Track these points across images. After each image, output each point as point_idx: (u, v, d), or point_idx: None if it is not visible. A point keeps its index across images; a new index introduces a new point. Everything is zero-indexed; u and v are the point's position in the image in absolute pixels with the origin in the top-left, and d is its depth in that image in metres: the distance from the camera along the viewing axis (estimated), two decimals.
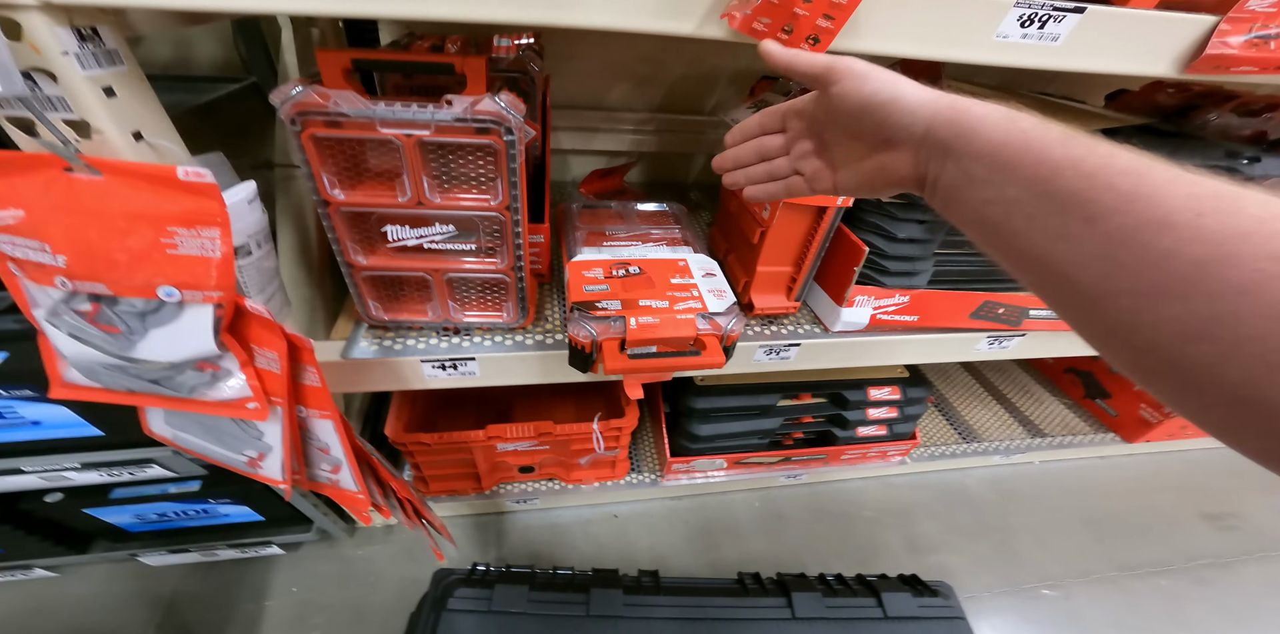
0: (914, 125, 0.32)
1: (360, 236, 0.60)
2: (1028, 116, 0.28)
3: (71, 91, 0.40)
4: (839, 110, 0.36)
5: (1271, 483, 1.24)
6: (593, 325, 0.62)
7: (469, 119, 0.51)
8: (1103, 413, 1.29)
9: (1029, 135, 0.27)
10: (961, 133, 0.30)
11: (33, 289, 0.43)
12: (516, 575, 0.73)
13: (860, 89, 0.34)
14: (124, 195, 0.41)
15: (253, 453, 0.55)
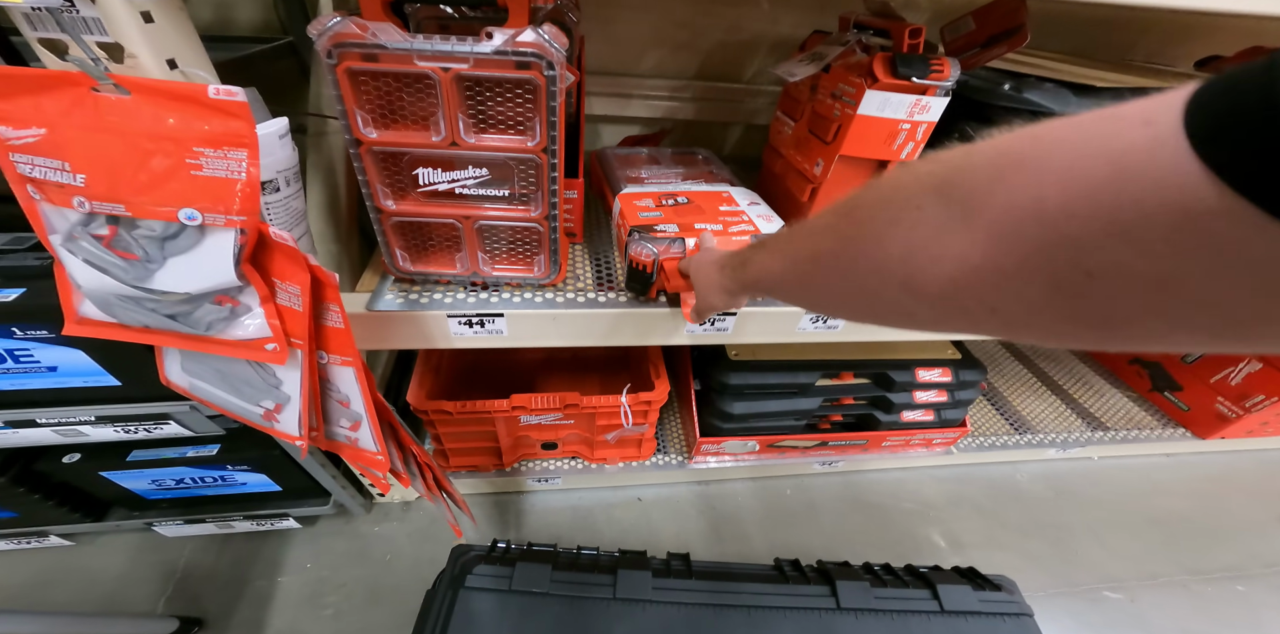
0: (706, 267, 0.51)
1: (391, 180, 0.57)
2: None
3: (108, 13, 0.38)
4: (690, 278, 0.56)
5: None
6: (652, 245, 0.60)
7: (509, 52, 0.47)
8: (1172, 407, 1.20)
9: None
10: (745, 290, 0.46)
11: (50, 212, 0.40)
12: (539, 554, 0.69)
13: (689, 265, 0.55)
14: (151, 114, 0.38)
15: (269, 404, 0.52)
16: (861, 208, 0.27)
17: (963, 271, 0.21)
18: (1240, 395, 1.08)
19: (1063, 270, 0.18)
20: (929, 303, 0.24)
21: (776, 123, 0.85)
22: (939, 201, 0.22)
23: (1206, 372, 1.14)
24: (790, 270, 0.35)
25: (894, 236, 0.25)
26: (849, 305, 0.31)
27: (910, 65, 0.58)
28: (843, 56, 0.67)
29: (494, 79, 0.50)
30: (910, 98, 0.59)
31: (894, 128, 0.62)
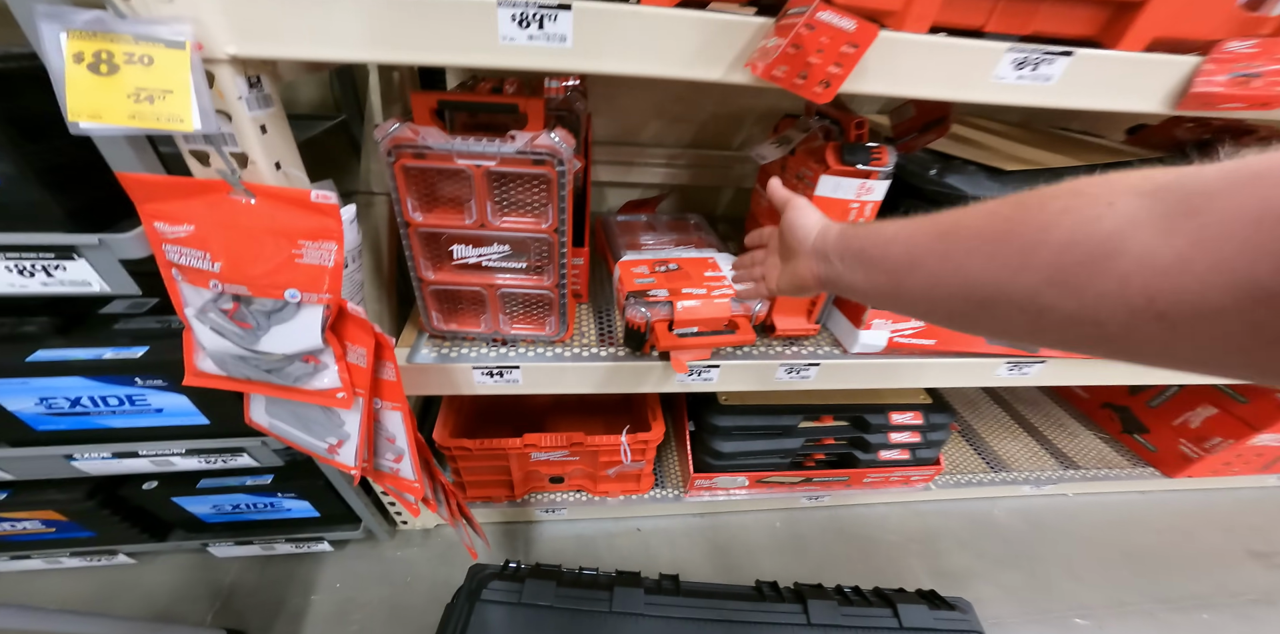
0: (805, 241, 0.47)
1: (431, 254, 0.71)
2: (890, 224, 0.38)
3: (240, 129, 0.52)
4: (782, 230, 0.51)
5: None
6: (645, 309, 0.73)
7: (528, 152, 0.61)
8: (1141, 448, 1.28)
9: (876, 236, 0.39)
10: (839, 245, 0.43)
11: (188, 290, 0.54)
12: (546, 572, 0.78)
13: (792, 215, 0.50)
14: (270, 214, 0.52)
15: (333, 440, 0.64)
16: (1033, 197, 0.27)
17: (1140, 268, 0.21)
18: (1200, 437, 1.16)
19: (1264, 277, 0.18)
20: (1079, 299, 0.24)
21: (755, 194, 1.00)
22: (1144, 202, 0.22)
23: (1169, 415, 1.22)
24: (915, 246, 0.33)
25: (1061, 224, 0.24)
26: (966, 292, 0.30)
27: (855, 154, 0.70)
28: (806, 141, 0.81)
29: (516, 173, 0.64)
30: (857, 181, 0.71)
31: (846, 206, 0.74)
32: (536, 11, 0.47)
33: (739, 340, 0.76)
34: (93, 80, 0.42)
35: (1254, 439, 1.08)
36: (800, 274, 0.47)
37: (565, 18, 0.48)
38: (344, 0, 0.44)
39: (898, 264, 0.35)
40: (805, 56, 0.52)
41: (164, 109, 0.43)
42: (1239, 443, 1.09)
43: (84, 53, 0.41)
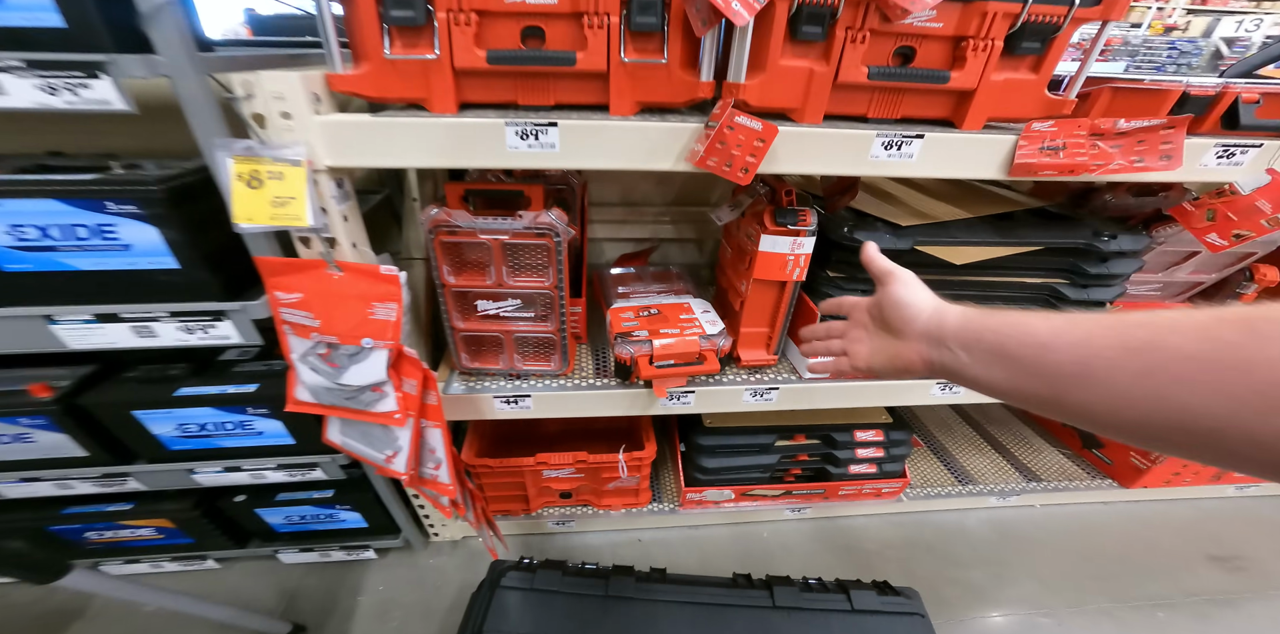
0: (915, 321, 0.44)
1: (460, 308, 0.93)
2: (1022, 317, 0.36)
3: (331, 220, 0.74)
4: (884, 304, 0.48)
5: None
6: (630, 347, 0.92)
7: (533, 227, 0.83)
8: (1099, 461, 1.38)
9: (1017, 329, 0.36)
10: (962, 333, 0.39)
11: (295, 341, 0.77)
12: (554, 564, 0.95)
13: (898, 290, 0.46)
14: (353, 283, 0.74)
15: (390, 452, 0.84)
16: (1264, 322, 0.25)
17: None
18: (1144, 450, 1.27)
19: None
20: None
21: (720, 248, 1.21)
22: None
23: None
24: (1090, 357, 0.31)
25: None
26: (1176, 420, 0.27)
27: (785, 217, 0.88)
28: (753, 205, 1.02)
29: (524, 243, 0.86)
30: (789, 238, 0.91)
31: (784, 259, 0.94)
32: (533, 128, 0.69)
33: (705, 370, 0.95)
34: (248, 192, 0.65)
35: None
36: (905, 356, 0.45)
37: (554, 131, 0.70)
38: (399, 127, 0.67)
39: (1061, 373, 0.33)
40: (729, 150, 0.72)
41: (290, 210, 0.66)
42: None
43: (243, 172, 0.64)
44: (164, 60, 0.56)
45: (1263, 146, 0.76)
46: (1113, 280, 0.94)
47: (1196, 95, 0.74)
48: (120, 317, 0.70)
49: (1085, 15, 0.67)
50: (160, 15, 0.54)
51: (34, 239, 0.63)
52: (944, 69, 0.72)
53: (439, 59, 0.65)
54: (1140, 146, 0.72)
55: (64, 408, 0.80)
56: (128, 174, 0.65)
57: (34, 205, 0.61)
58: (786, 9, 0.66)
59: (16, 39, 0.54)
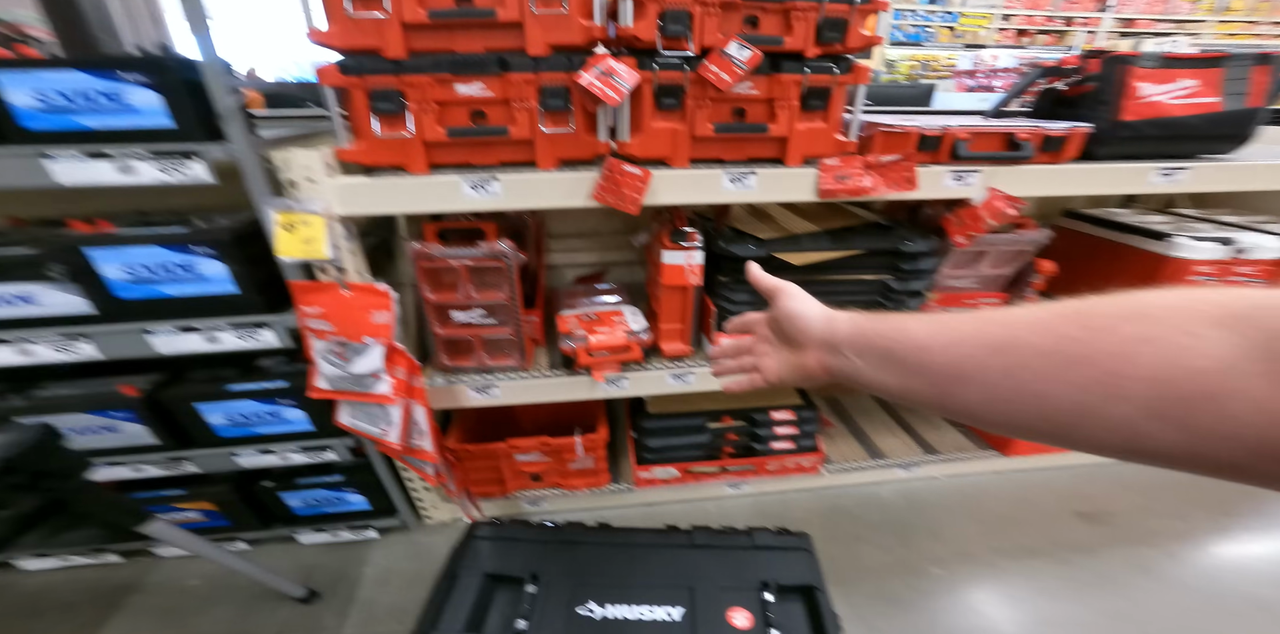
0: (809, 332, 0.47)
1: (439, 317, 1.21)
2: (913, 318, 0.39)
3: (342, 253, 1.04)
4: (779, 318, 0.50)
5: (1150, 488, 1.48)
6: (572, 342, 1.19)
7: (489, 254, 1.13)
8: (984, 433, 1.61)
9: (900, 332, 0.39)
10: (854, 339, 0.42)
11: (316, 342, 1.05)
12: (519, 521, 1.18)
13: (788, 304, 0.49)
14: (357, 297, 1.03)
15: (385, 426, 1.10)
16: (1097, 317, 0.28)
17: (1253, 413, 0.22)
18: None
19: None
20: (1186, 432, 0.24)
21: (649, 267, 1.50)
22: (1224, 335, 0.23)
23: None
24: (962, 359, 0.33)
25: (1146, 356, 0.25)
26: (1040, 411, 0.30)
27: (678, 236, 1.17)
28: (659, 229, 1.31)
29: (483, 266, 1.15)
30: (683, 253, 1.19)
31: (682, 269, 1.22)
32: (481, 181, 0.99)
33: (630, 357, 1.22)
34: (286, 235, 0.95)
35: None
36: (808, 365, 0.47)
37: (497, 184, 1.00)
38: (388, 185, 0.96)
39: (942, 374, 0.35)
40: (621, 189, 1.03)
41: (314, 247, 0.96)
42: None
43: (283, 221, 0.94)
44: (235, 146, 0.87)
45: (982, 171, 1.07)
46: (923, 274, 1.23)
47: (929, 135, 1.05)
48: (196, 328, 0.99)
49: (845, 79, 0.99)
50: (231, 115, 0.84)
51: (142, 274, 0.93)
52: (764, 122, 1.03)
53: (413, 136, 0.97)
54: (893, 174, 1.03)
55: (146, 403, 1.08)
56: (208, 226, 0.96)
57: (143, 250, 0.92)
58: (650, 88, 0.98)
59: (142, 135, 0.84)
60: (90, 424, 1.08)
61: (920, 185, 1.06)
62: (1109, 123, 1.14)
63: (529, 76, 0.94)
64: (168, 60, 0.80)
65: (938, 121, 1.13)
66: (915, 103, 2.86)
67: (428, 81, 0.93)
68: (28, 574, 1.32)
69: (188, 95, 0.82)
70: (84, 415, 1.07)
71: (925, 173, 1.06)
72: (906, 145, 1.05)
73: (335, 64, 0.90)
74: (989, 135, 1.08)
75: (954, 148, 1.06)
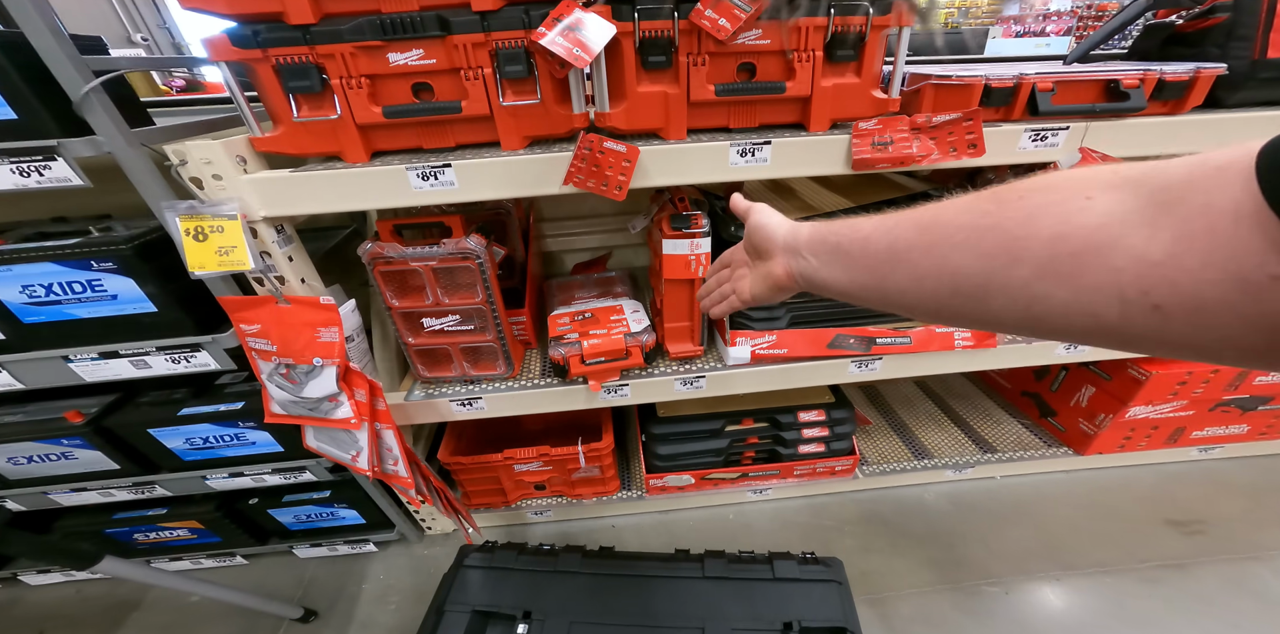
0: (774, 238, 0.48)
1: (409, 325, 1.06)
2: (857, 221, 0.40)
3: (276, 261, 0.89)
4: (750, 234, 0.53)
5: (1257, 490, 1.25)
6: (563, 348, 1.03)
7: (455, 252, 0.95)
8: (1055, 429, 1.39)
9: (852, 232, 0.41)
10: (812, 240, 0.44)
11: (262, 364, 0.92)
12: (513, 545, 1.07)
13: (756, 218, 0.52)
14: (299, 312, 0.88)
15: (354, 452, 0.98)
16: (1007, 191, 0.28)
17: (1132, 262, 0.22)
18: (1090, 414, 1.28)
19: (1249, 272, 0.19)
20: (1073, 289, 0.25)
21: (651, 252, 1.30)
22: (1118, 195, 0.23)
23: (1066, 396, 1.34)
24: (895, 241, 0.35)
25: (1045, 218, 0.26)
26: (954, 284, 0.31)
27: (680, 222, 0.96)
28: (660, 211, 1.11)
29: (450, 267, 0.98)
30: (687, 241, 0.99)
31: (686, 260, 1.02)
32: (431, 170, 0.80)
33: (629, 364, 1.06)
34: (196, 245, 0.79)
35: (1128, 412, 1.20)
36: (775, 274, 0.48)
37: (449, 171, 0.82)
38: (315, 179, 0.79)
39: (879, 260, 0.36)
40: (603, 171, 0.82)
41: (234, 257, 0.80)
42: (1118, 416, 1.21)
43: (189, 228, 0.79)
44: (103, 140, 0.69)
45: (1069, 129, 0.81)
46: None
47: (997, 87, 0.79)
48: (120, 353, 0.86)
49: (882, 22, 0.74)
50: (88, 101, 0.66)
51: (42, 295, 0.80)
52: (780, 80, 0.80)
53: (341, 118, 0.79)
54: (951, 138, 0.78)
55: (94, 429, 0.98)
56: (103, 237, 0.81)
57: (37, 268, 0.78)
58: (632, 44, 0.76)
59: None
60: (43, 452, 1.00)
61: (987, 149, 0.81)
62: (1247, 62, 0.86)
63: (477, 38, 0.74)
64: None
65: (1005, 70, 0.86)
66: (964, 52, 2.45)
67: (349, 50, 0.74)
68: (33, 589, 1.31)
69: (27, 79, 0.64)
70: (32, 444, 0.98)
71: (993, 133, 0.81)
72: (968, 100, 0.80)
73: (225, 33, 0.71)
74: (1081, 83, 0.82)
75: (1032, 101, 0.80)
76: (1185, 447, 1.32)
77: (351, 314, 0.96)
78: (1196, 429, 1.28)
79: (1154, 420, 1.23)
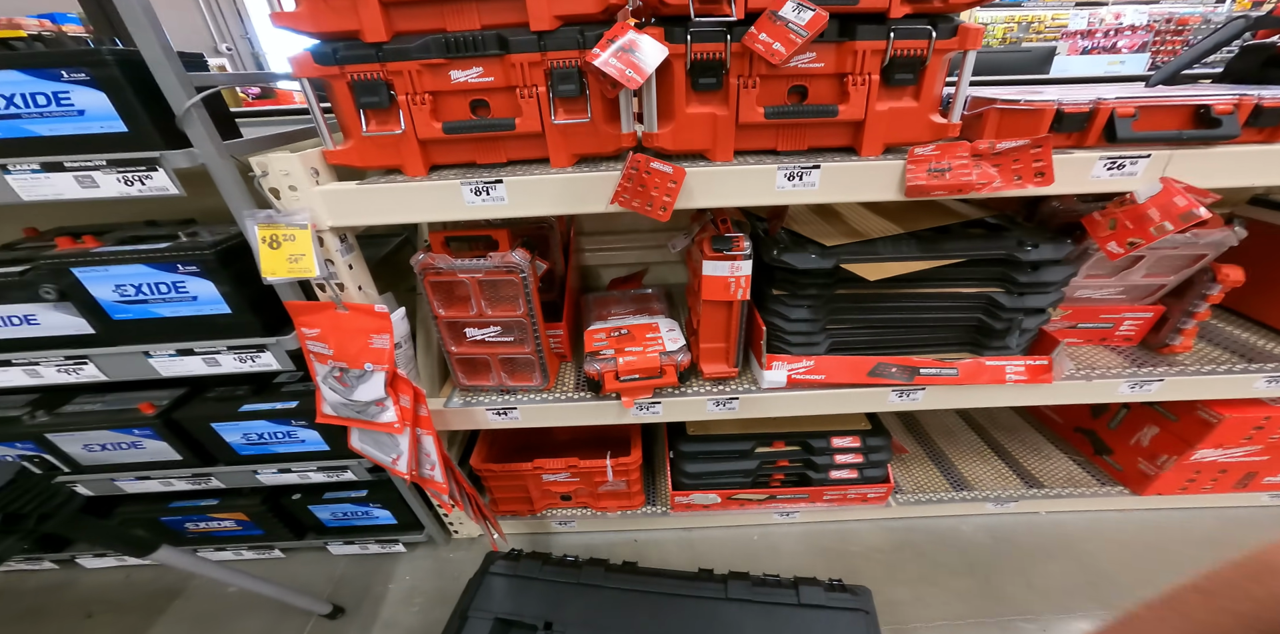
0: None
1: (453, 334, 1.10)
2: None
3: (338, 268, 0.94)
4: None
5: None
6: (599, 364, 1.05)
7: (501, 265, 0.99)
8: (1110, 468, 1.33)
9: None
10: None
11: (318, 366, 0.97)
12: (537, 555, 1.08)
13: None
14: (355, 319, 0.93)
15: (395, 455, 1.02)
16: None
17: None
18: (1151, 455, 1.21)
19: None
20: None
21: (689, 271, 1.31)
22: None
23: (1126, 435, 1.28)
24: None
25: None
26: None
27: (722, 243, 0.97)
28: (702, 231, 1.12)
29: (495, 279, 1.01)
30: (727, 263, 1.00)
31: (726, 282, 1.03)
32: (484, 185, 0.84)
33: (663, 383, 1.07)
34: (270, 252, 0.85)
35: (1194, 455, 1.13)
36: None
37: (501, 187, 0.85)
38: (378, 191, 0.83)
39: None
40: (648, 192, 0.84)
41: (302, 265, 0.86)
42: (1182, 458, 1.14)
43: (266, 236, 0.84)
44: (199, 151, 0.76)
45: (1151, 157, 0.78)
46: (1047, 287, 0.96)
47: (1071, 112, 0.77)
48: (195, 351, 0.93)
49: (945, 46, 0.74)
50: (189, 116, 0.72)
51: (132, 294, 0.87)
52: (832, 103, 0.81)
53: (405, 133, 0.83)
54: (1016, 165, 0.77)
55: (163, 421, 1.05)
56: (190, 242, 0.88)
57: (130, 269, 0.86)
58: (683, 65, 0.79)
59: (96, 142, 0.74)
60: (115, 440, 1.07)
61: (1056, 178, 0.79)
62: None
63: (533, 57, 0.78)
64: (108, 53, 0.70)
65: (1079, 93, 0.85)
66: (1028, 70, 2.34)
67: (415, 68, 0.78)
68: (87, 572, 1.39)
69: (137, 94, 0.71)
70: (107, 432, 1.06)
71: (1063, 160, 0.79)
72: (1037, 126, 0.79)
73: (308, 51, 0.77)
74: (1167, 109, 0.79)
75: (1110, 127, 0.78)
76: (1256, 492, 1.24)
77: (401, 321, 1.00)
78: (1270, 474, 1.20)
79: (1223, 464, 1.16)
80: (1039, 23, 4.96)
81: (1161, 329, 1.12)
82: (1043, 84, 1.16)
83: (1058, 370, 1.03)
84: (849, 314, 1.05)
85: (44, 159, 0.73)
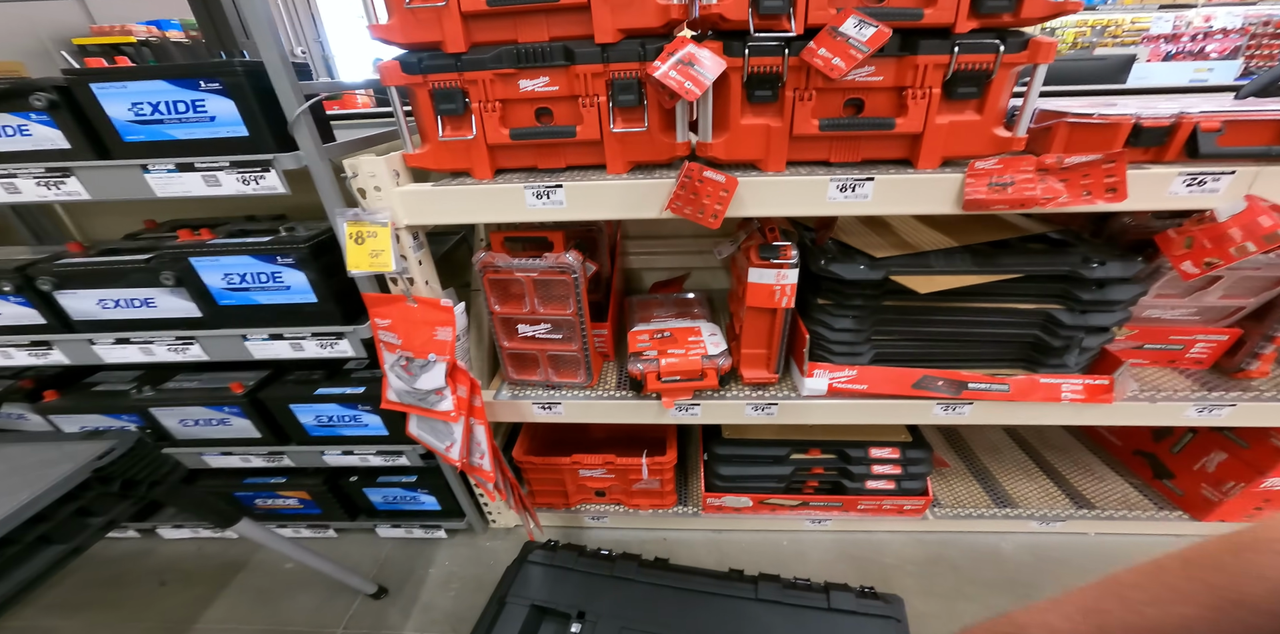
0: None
1: (506, 330, 1.16)
2: None
3: (410, 264, 1.01)
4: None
5: None
6: (641, 364, 1.09)
7: (555, 266, 1.04)
8: (1170, 492, 1.27)
9: None
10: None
11: (386, 355, 1.05)
12: (574, 547, 1.13)
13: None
14: (422, 312, 1.00)
15: (448, 443, 1.08)
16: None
17: None
18: (1217, 481, 1.16)
19: None
20: None
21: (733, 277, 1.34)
22: None
23: (1190, 460, 1.22)
24: None
25: None
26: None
27: (769, 251, 0.98)
28: (747, 240, 1.15)
29: (548, 279, 1.07)
30: (774, 271, 1.01)
31: (771, 289, 1.05)
32: (545, 189, 0.89)
33: (704, 385, 1.09)
34: (355, 247, 0.93)
35: (1265, 482, 1.07)
36: None
37: (560, 191, 0.89)
38: (450, 193, 0.90)
39: None
40: (700, 200, 0.87)
41: (381, 259, 0.93)
42: (1251, 485, 1.09)
43: (353, 232, 0.92)
44: (304, 154, 0.84)
45: (1236, 174, 0.76)
46: (1112, 306, 0.94)
47: (1150, 126, 0.76)
48: (284, 336, 1.02)
49: (1014, 60, 0.75)
50: (299, 121, 0.81)
51: (237, 282, 0.97)
52: (890, 116, 0.82)
53: (476, 138, 0.89)
54: (1086, 180, 0.77)
55: (249, 400, 1.15)
56: (289, 236, 0.98)
57: (236, 260, 0.96)
58: (740, 78, 0.82)
59: (220, 145, 0.84)
60: (207, 417, 1.18)
61: (1130, 194, 0.78)
62: None
63: (596, 68, 0.83)
64: (237, 65, 0.79)
65: (1160, 105, 0.83)
66: (1102, 80, 2.17)
67: (489, 77, 0.84)
68: (165, 542, 1.52)
69: (259, 102, 0.80)
70: (200, 409, 1.16)
71: (1138, 176, 0.77)
72: (1111, 141, 0.78)
73: (396, 60, 0.84)
74: (1257, 123, 0.76)
75: (1192, 141, 0.77)
76: None
77: (462, 315, 1.07)
78: None
79: None
80: (1115, 27, 4.62)
81: (1237, 353, 1.07)
82: (1117, 95, 1.12)
83: (1119, 391, 1.00)
84: (896, 326, 1.06)
85: (179, 160, 0.83)
